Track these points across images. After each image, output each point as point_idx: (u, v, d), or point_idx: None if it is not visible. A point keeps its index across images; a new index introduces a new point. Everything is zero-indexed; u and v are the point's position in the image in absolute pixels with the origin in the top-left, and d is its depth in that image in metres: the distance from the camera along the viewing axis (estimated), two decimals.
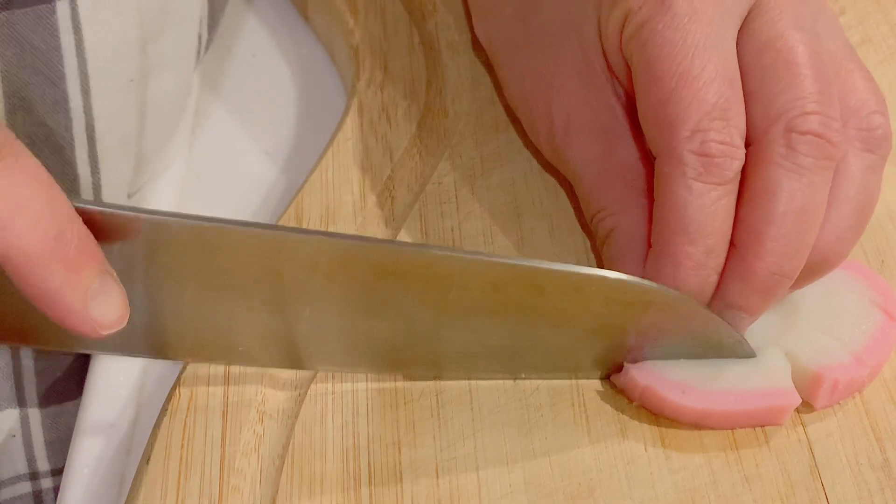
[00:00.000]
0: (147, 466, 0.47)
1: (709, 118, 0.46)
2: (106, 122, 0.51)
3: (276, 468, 0.47)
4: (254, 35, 0.66)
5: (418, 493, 0.47)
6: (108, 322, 0.41)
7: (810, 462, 0.48)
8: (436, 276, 0.45)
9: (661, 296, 0.47)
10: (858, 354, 0.49)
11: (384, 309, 0.46)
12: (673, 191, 0.47)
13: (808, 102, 0.46)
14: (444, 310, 0.46)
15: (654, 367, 0.49)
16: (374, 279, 0.45)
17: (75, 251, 0.40)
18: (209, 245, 0.44)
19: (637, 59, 0.48)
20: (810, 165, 0.46)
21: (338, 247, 0.45)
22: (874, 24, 0.63)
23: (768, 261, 0.47)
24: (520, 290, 0.46)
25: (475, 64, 0.60)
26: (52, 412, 0.57)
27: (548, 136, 0.53)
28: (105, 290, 0.41)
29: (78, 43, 0.49)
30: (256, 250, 0.44)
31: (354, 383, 0.49)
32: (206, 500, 0.46)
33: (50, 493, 0.59)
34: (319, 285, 0.45)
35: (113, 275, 0.41)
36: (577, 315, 0.47)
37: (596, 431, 0.48)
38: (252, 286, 0.45)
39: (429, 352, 0.48)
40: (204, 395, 0.49)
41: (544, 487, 0.47)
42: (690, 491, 0.47)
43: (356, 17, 0.62)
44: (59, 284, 0.40)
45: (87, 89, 0.50)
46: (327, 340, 0.48)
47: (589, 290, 0.46)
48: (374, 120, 0.58)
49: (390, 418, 0.49)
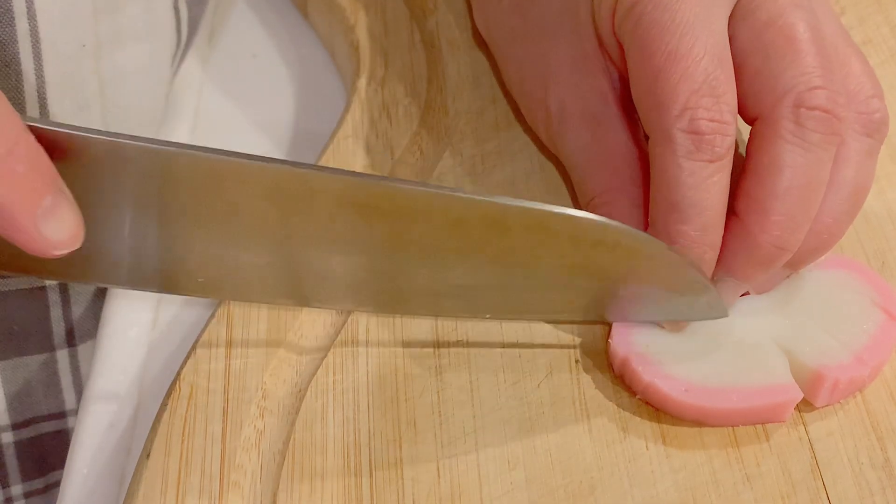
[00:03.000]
0: (147, 462, 0.47)
1: (697, 95, 0.46)
2: (58, 87, 0.52)
3: (276, 464, 0.47)
4: (254, 35, 0.66)
5: (419, 490, 0.47)
6: (60, 241, 0.40)
7: (811, 461, 0.48)
8: (399, 210, 0.45)
9: (626, 236, 0.47)
10: (859, 354, 0.49)
11: (348, 242, 0.46)
12: (665, 169, 0.47)
13: (814, 77, 0.47)
14: (408, 244, 0.46)
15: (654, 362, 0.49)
16: (337, 211, 0.45)
17: (24, 168, 0.39)
18: (168, 170, 0.43)
19: (628, 40, 0.48)
20: (817, 141, 0.47)
21: (300, 177, 0.44)
22: (874, 26, 0.63)
23: (773, 234, 0.47)
24: (485, 226, 0.46)
25: (476, 62, 0.60)
26: (10, 365, 0.57)
27: (545, 125, 0.54)
28: (57, 208, 0.40)
29: (29, 6, 0.49)
30: (213, 176, 0.43)
31: (356, 380, 0.49)
32: (206, 497, 0.46)
33: (10, 447, 0.59)
34: (280, 216, 0.45)
35: (66, 193, 0.40)
36: (543, 255, 0.47)
37: (597, 429, 0.48)
38: (211, 215, 0.44)
39: (394, 288, 0.48)
40: (204, 390, 0.48)
41: (545, 485, 0.47)
42: (691, 489, 0.47)
43: (356, 15, 0.62)
44: (7, 202, 0.39)
45: (38, 53, 0.50)
46: (294, 273, 0.47)
47: (554, 229, 0.46)
48: (374, 118, 0.58)
49: (391, 415, 0.48)
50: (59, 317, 0.57)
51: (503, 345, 0.50)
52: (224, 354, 0.50)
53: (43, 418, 0.59)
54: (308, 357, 0.50)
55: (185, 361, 0.49)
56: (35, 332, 0.57)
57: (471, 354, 0.50)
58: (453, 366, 0.50)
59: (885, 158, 0.57)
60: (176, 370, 0.49)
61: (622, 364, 0.49)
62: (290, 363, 0.50)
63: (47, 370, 0.58)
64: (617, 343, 0.49)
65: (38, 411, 0.59)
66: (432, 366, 0.50)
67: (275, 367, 0.49)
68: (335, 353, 0.50)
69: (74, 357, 0.58)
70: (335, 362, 0.50)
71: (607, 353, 0.50)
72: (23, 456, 0.60)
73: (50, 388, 0.59)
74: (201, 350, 0.50)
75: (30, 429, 0.59)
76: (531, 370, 0.50)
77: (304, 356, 0.50)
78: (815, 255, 0.50)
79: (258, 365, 0.49)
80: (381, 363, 0.50)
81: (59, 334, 0.58)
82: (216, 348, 0.50)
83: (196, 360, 0.49)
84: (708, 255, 0.48)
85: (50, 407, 0.59)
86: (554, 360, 0.50)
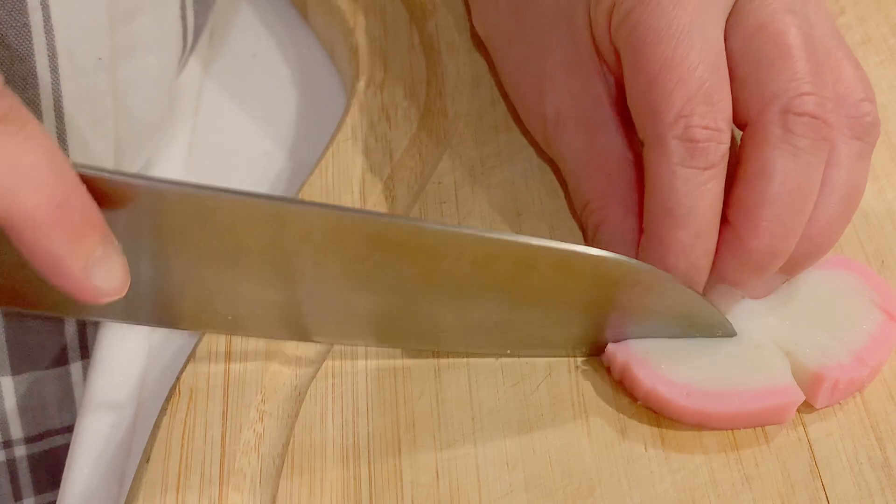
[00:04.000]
0: (147, 466, 0.47)
1: (692, 103, 0.46)
2: (75, 101, 0.52)
3: (276, 467, 0.47)
4: (254, 35, 0.66)
5: (418, 492, 0.47)
6: (109, 290, 0.41)
7: (810, 461, 0.48)
8: (427, 250, 0.46)
9: (647, 275, 0.47)
10: (859, 354, 0.49)
11: (376, 281, 0.46)
12: (660, 176, 0.47)
13: (803, 83, 0.47)
14: (435, 283, 0.46)
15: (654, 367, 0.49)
16: (367, 251, 0.45)
17: (79, 218, 0.40)
18: (208, 213, 0.44)
19: (624, 47, 0.48)
20: (806, 146, 0.47)
21: (332, 218, 0.45)
22: (874, 25, 0.63)
23: (764, 240, 0.47)
24: (510, 265, 0.46)
25: (475, 64, 0.60)
26: (25, 380, 0.57)
27: (541, 129, 0.54)
28: (106, 258, 0.41)
29: (46, 20, 0.49)
30: (253, 219, 0.44)
31: (355, 383, 0.49)
32: (206, 500, 0.46)
33: (24, 460, 0.59)
34: (314, 256, 0.45)
35: (115, 243, 0.41)
36: (565, 292, 0.48)
37: (596, 431, 0.48)
38: (249, 256, 0.45)
39: (421, 325, 0.48)
40: (204, 394, 0.49)
41: (544, 487, 0.47)
42: (690, 490, 0.47)
43: (356, 17, 0.62)
44: (62, 251, 0.40)
45: (55, 66, 0.50)
46: (323, 311, 0.48)
47: (577, 267, 0.47)
48: (373, 120, 0.58)
49: (390, 418, 0.49)
50: (73, 331, 0.58)
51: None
52: (224, 358, 0.50)
53: (56, 432, 0.60)
54: (307, 360, 0.50)
55: (184, 365, 0.49)
56: (50, 347, 0.57)
57: (469, 356, 0.50)
58: (452, 368, 0.50)
59: (885, 158, 0.57)
60: (176, 374, 0.50)
61: (622, 369, 0.49)
62: (290, 366, 0.50)
63: (61, 384, 0.58)
64: (616, 348, 0.49)
65: (51, 425, 0.59)
66: (431, 368, 0.50)
67: (274, 370, 0.49)
68: (334, 357, 0.50)
69: (88, 370, 0.59)
70: (334, 365, 0.50)
71: (605, 361, 0.50)
72: (36, 469, 0.60)
73: (63, 402, 0.59)
74: (201, 354, 0.50)
75: (43, 442, 0.59)
76: (530, 372, 0.50)
77: (303, 359, 0.50)
78: (810, 260, 0.50)
79: (257, 369, 0.49)
80: (380, 365, 0.50)
81: (73, 348, 0.58)
82: (216, 352, 0.50)
83: (196, 363, 0.49)
84: (702, 262, 0.48)
85: (63, 420, 0.59)
86: (553, 362, 0.50)
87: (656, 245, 0.48)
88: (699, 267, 0.48)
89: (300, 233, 0.45)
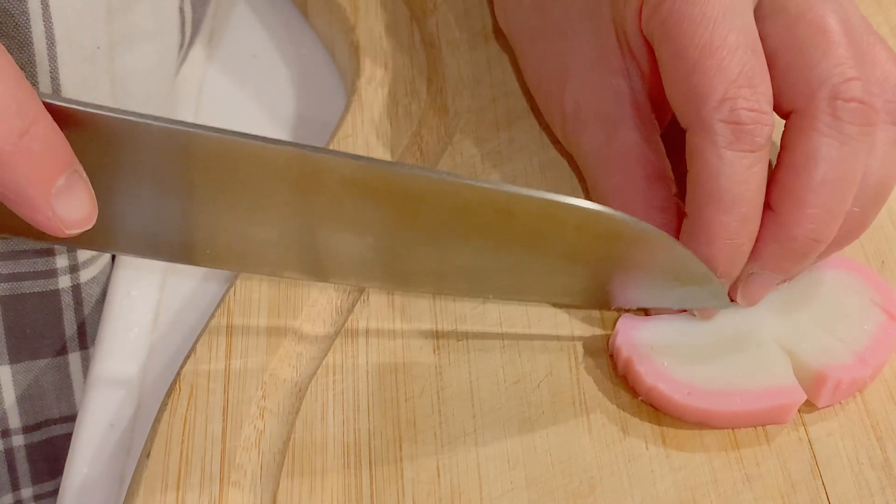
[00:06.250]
0: (147, 462, 0.47)
1: (735, 86, 0.46)
2: (74, 89, 0.52)
3: (276, 464, 0.47)
4: (254, 35, 0.66)
5: (419, 490, 0.47)
6: (74, 220, 0.41)
7: (811, 461, 0.48)
8: (406, 194, 0.45)
9: (630, 227, 0.47)
10: (861, 354, 0.49)
11: (355, 224, 0.46)
12: (705, 161, 0.47)
13: (848, 68, 0.47)
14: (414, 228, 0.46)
15: (657, 364, 0.49)
16: (345, 193, 0.45)
17: (40, 147, 0.40)
18: (184, 149, 0.43)
19: (658, 36, 0.48)
20: (854, 133, 0.47)
21: (309, 159, 0.44)
22: (875, 26, 0.62)
23: (808, 227, 0.47)
24: (490, 212, 0.46)
25: (476, 62, 0.60)
26: (23, 369, 0.57)
27: (561, 124, 0.54)
28: (71, 188, 0.40)
29: (44, 8, 0.49)
30: (227, 156, 0.44)
31: (356, 380, 0.49)
32: (206, 496, 0.46)
33: (22, 450, 0.59)
34: (290, 196, 0.45)
35: (81, 173, 0.41)
36: (547, 242, 0.47)
37: (597, 429, 0.48)
38: (222, 193, 0.45)
39: (411, 267, 0.48)
40: (204, 390, 0.48)
41: (545, 485, 0.47)
42: (691, 489, 0.47)
43: (356, 16, 0.62)
44: (24, 181, 0.39)
45: (53, 54, 0.50)
46: (300, 250, 0.47)
47: (558, 218, 0.46)
48: (374, 118, 0.58)
49: (391, 415, 0.48)
50: (71, 319, 0.57)
51: (502, 336, 0.51)
52: (224, 355, 0.50)
53: (54, 421, 0.59)
54: (308, 356, 0.50)
55: (185, 361, 0.49)
56: (48, 335, 0.57)
57: (471, 354, 0.50)
58: (453, 365, 0.50)
59: None
60: (176, 370, 0.49)
61: (625, 364, 0.49)
62: (290, 363, 0.50)
63: (59, 373, 0.58)
64: (620, 342, 0.49)
65: (49, 414, 0.59)
66: (432, 365, 0.50)
67: (275, 366, 0.49)
68: (335, 353, 0.50)
69: (86, 360, 0.58)
70: (335, 362, 0.50)
71: (610, 352, 0.50)
72: (34, 458, 0.60)
73: (62, 391, 0.59)
74: (201, 350, 0.50)
75: (41, 431, 0.59)
76: (531, 370, 0.50)
77: (304, 355, 0.50)
78: (842, 244, 0.50)
79: (258, 365, 0.49)
80: (381, 363, 0.50)
81: (71, 337, 0.58)
82: (216, 348, 0.50)
83: (196, 359, 0.49)
84: (746, 248, 0.48)
85: (62, 409, 0.59)
86: (554, 360, 0.50)
87: (701, 230, 0.47)
88: (743, 252, 0.48)
89: (275, 173, 0.44)
